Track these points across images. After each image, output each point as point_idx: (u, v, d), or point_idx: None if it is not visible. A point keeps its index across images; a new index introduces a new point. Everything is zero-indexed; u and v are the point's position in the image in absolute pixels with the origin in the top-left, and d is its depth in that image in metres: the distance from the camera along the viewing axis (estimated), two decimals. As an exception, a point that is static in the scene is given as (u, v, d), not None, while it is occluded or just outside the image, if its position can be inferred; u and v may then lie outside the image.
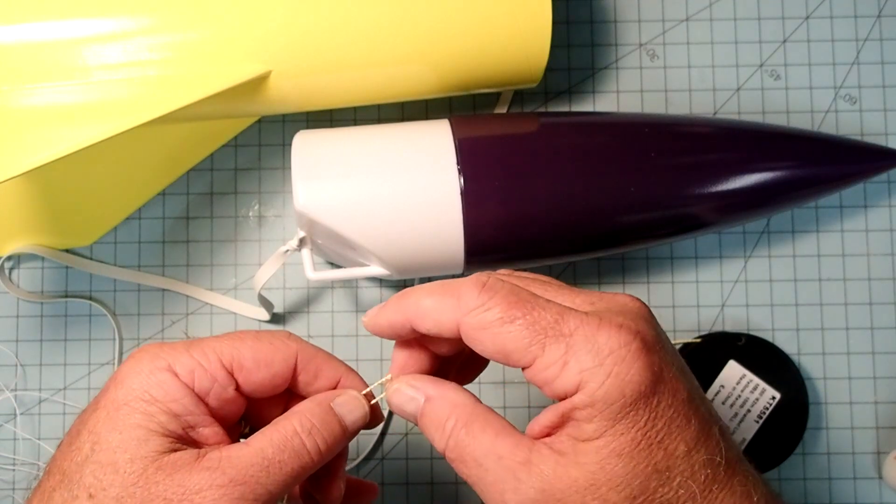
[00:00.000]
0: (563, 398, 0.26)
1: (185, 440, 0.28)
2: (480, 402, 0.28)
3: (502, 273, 0.29)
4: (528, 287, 0.27)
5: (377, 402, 0.31)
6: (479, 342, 0.26)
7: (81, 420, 0.28)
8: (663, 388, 0.25)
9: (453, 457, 0.27)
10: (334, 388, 0.31)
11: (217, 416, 0.29)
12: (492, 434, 0.26)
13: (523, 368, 0.26)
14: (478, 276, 0.27)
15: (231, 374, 0.29)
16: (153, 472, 0.26)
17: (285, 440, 0.27)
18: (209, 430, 0.28)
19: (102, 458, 0.26)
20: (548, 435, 0.26)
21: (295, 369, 0.30)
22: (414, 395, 0.28)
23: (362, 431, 0.32)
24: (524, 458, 0.26)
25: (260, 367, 0.29)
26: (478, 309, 0.26)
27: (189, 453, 0.27)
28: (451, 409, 0.27)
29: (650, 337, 0.26)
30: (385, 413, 0.32)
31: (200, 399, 0.28)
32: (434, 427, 0.27)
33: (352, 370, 0.31)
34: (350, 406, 0.30)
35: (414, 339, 0.30)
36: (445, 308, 0.27)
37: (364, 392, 0.31)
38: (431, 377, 0.29)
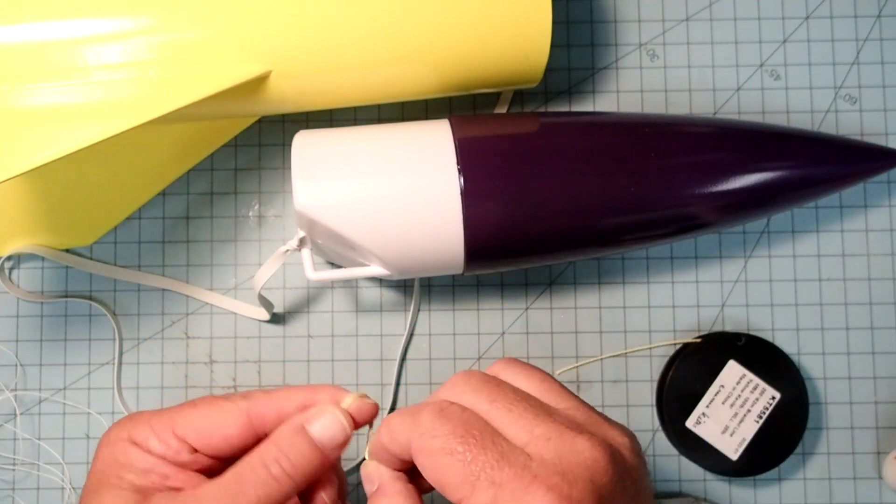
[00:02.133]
0: None
1: (164, 488, 0.30)
2: None
3: (478, 377, 0.29)
4: (494, 404, 0.27)
5: (362, 404, 0.31)
6: (422, 466, 0.27)
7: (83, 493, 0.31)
8: None
9: None
10: None
11: (194, 469, 0.31)
12: None
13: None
14: (440, 402, 0.27)
15: (184, 441, 0.31)
16: None
17: (249, 470, 0.29)
18: (185, 476, 0.30)
19: None
20: None
21: (252, 425, 0.31)
22: (374, 478, 0.30)
23: (362, 432, 0.31)
24: None
25: (212, 432, 0.31)
26: (426, 434, 0.26)
27: (163, 496, 0.29)
28: None
29: (582, 500, 0.25)
30: (376, 408, 0.32)
31: (165, 458, 0.31)
32: None
33: (320, 386, 0.32)
34: (322, 422, 0.30)
35: None
36: (404, 429, 0.27)
37: (346, 404, 0.31)
38: (397, 474, 0.29)
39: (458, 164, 0.37)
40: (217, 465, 0.32)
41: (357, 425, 0.31)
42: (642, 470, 0.27)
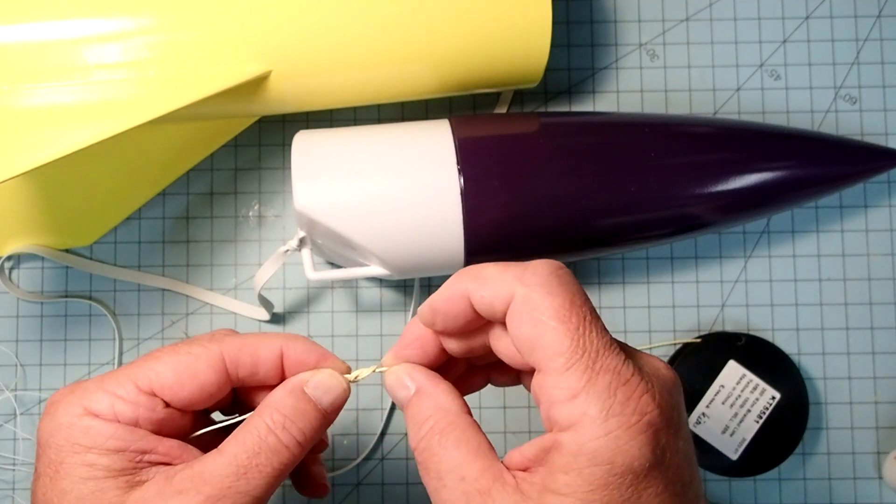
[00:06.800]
0: (552, 427, 0.24)
1: (145, 464, 0.27)
2: (467, 413, 0.26)
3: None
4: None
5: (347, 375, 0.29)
6: (519, 320, 0.24)
7: (33, 494, 0.27)
8: (658, 473, 0.23)
9: (420, 460, 0.26)
10: (280, 365, 0.29)
11: (166, 431, 0.28)
12: (464, 451, 0.25)
13: (535, 371, 0.25)
14: (551, 261, 0.25)
15: (154, 395, 0.27)
16: None
17: (259, 441, 0.26)
18: (165, 447, 0.27)
19: None
20: (526, 468, 0.25)
21: (227, 370, 0.28)
22: (408, 383, 0.27)
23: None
24: (485, 487, 0.24)
25: (183, 380, 0.27)
26: (540, 287, 0.24)
27: (156, 481, 0.26)
28: (434, 409, 0.26)
29: (669, 415, 0.24)
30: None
31: (136, 426, 0.27)
32: (413, 422, 0.27)
33: (295, 337, 0.29)
34: (325, 386, 0.28)
35: (431, 332, 0.29)
36: (507, 277, 0.25)
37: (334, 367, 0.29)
38: (432, 373, 0.28)
39: (458, 164, 0.37)
40: (187, 423, 0.29)
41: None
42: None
